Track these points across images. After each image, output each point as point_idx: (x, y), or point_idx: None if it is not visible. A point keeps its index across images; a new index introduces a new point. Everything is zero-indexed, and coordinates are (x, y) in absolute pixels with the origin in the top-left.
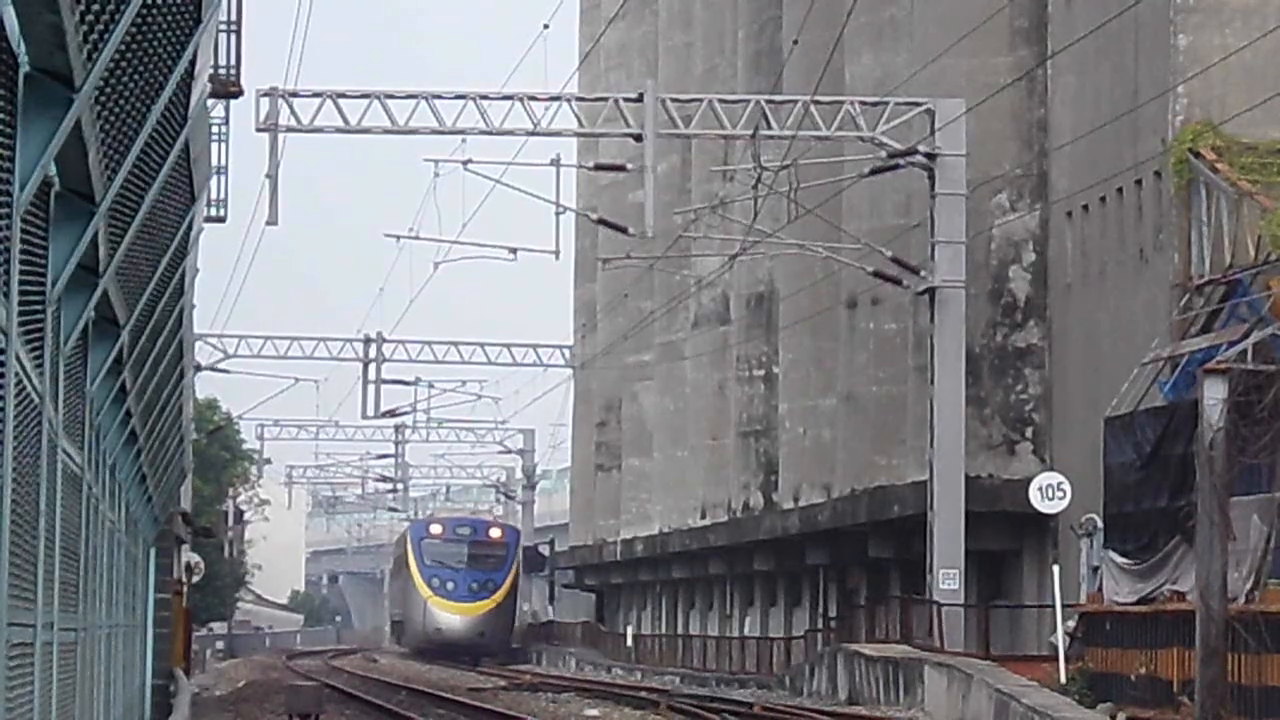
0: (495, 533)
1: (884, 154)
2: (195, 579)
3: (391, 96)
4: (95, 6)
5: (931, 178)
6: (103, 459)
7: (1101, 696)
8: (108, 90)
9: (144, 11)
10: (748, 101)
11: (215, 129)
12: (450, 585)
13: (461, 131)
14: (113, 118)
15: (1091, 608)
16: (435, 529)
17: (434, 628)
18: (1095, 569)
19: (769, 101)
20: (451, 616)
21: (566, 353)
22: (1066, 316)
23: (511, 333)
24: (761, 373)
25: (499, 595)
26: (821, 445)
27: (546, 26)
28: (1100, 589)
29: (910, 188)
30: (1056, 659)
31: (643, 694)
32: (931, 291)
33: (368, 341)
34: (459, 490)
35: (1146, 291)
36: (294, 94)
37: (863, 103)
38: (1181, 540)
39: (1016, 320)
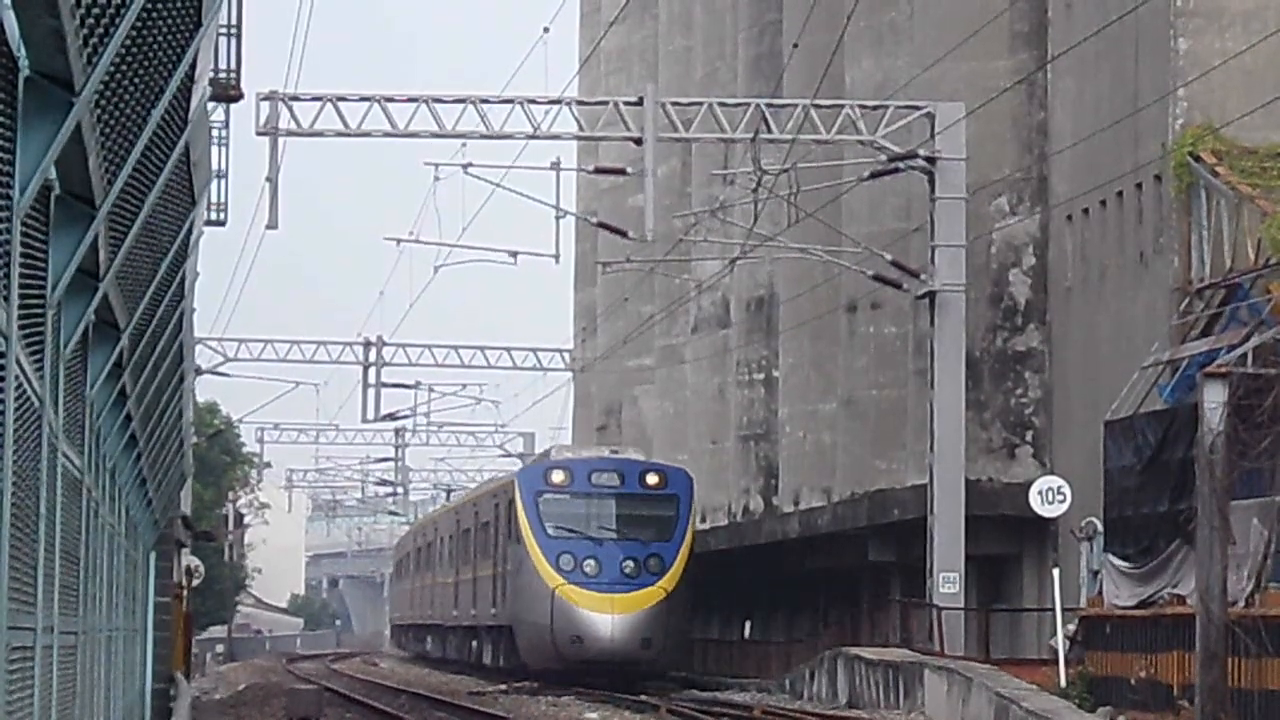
0: (654, 478)
1: (884, 157)
2: (195, 583)
3: (392, 100)
4: (95, 10)
5: (931, 181)
6: (103, 463)
7: (1101, 700)
8: (108, 94)
9: (144, 15)
10: (748, 105)
11: (215, 133)
12: (592, 565)
13: (461, 135)
14: (113, 121)
15: (1091, 611)
16: (559, 476)
17: (570, 635)
18: (1095, 573)
19: (769, 105)
20: (599, 617)
21: (566, 356)
22: (1067, 320)
23: (511, 336)
24: (761, 376)
25: (671, 577)
26: (821, 449)
27: (547, 30)
28: (1100, 593)
29: (910, 191)
30: (1056, 663)
31: (643, 697)
32: (931, 295)
33: (368, 345)
34: (459, 494)
35: (1146, 295)
36: (294, 98)
37: (863, 106)
38: (1182, 544)
39: (1016, 324)
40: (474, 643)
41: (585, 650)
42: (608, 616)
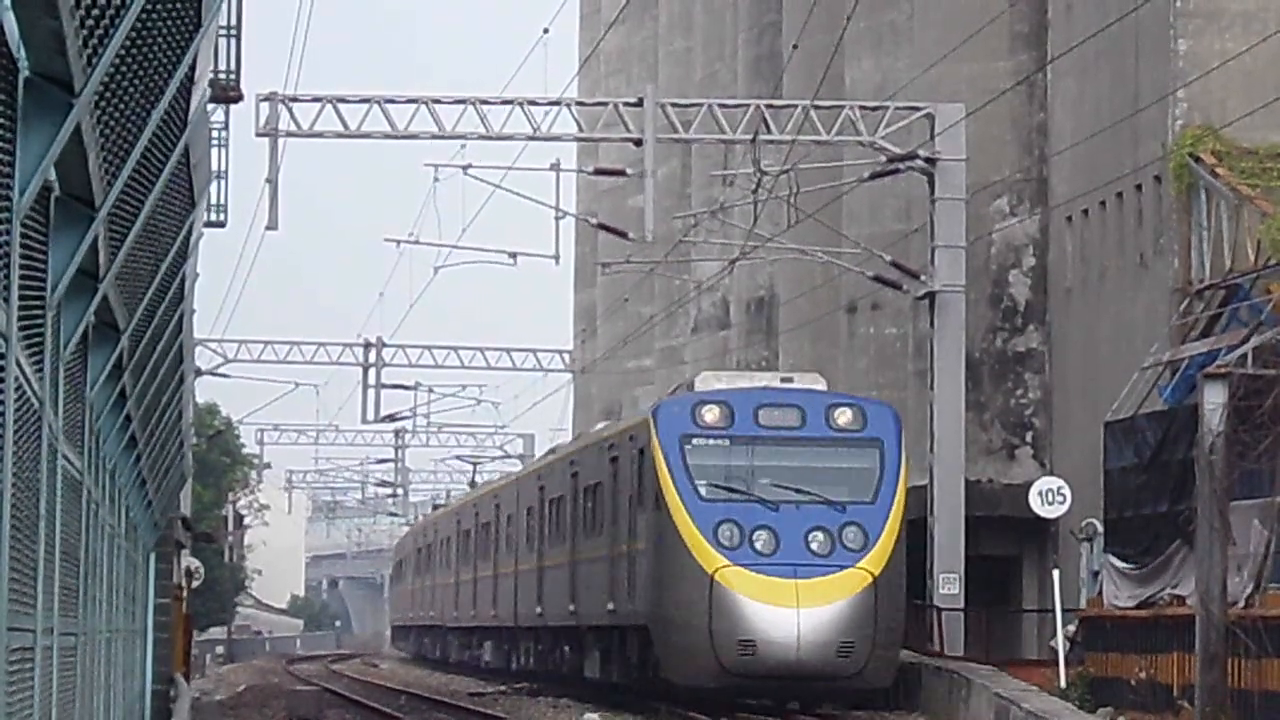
0: (848, 414)
1: (884, 159)
2: (195, 584)
3: (391, 101)
4: (95, 11)
5: (931, 182)
6: (103, 464)
7: (1101, 701)
8: (108, 95)
9: (144, 16)
10: (747, 106)
11: (215, 134)
12: (766, 540)
13: (461, 136)
14: (113, 122)
15: (1092, 612)
16: (713, 414)
17: (736, 639)
18: (1095, 573)
19: (769, 106)
20: (778, 613)
21: (566, 357)
22: (1066, 321)
23: (511, 337)
24: None
25: (878, 555)
26: None
27: (546, 31)
28: (1100, 593)
29: (910, 192)
30: (1057, 664)
31: None
32: (931, 296)
33: (367, 346)
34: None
35: (1146, 296)
36: (294, 99)
37: (863, 107)
38: (1182, 544)
39: (1016, 325)
40: (566, 648)
41: (759, 662)
42: (790, 612)
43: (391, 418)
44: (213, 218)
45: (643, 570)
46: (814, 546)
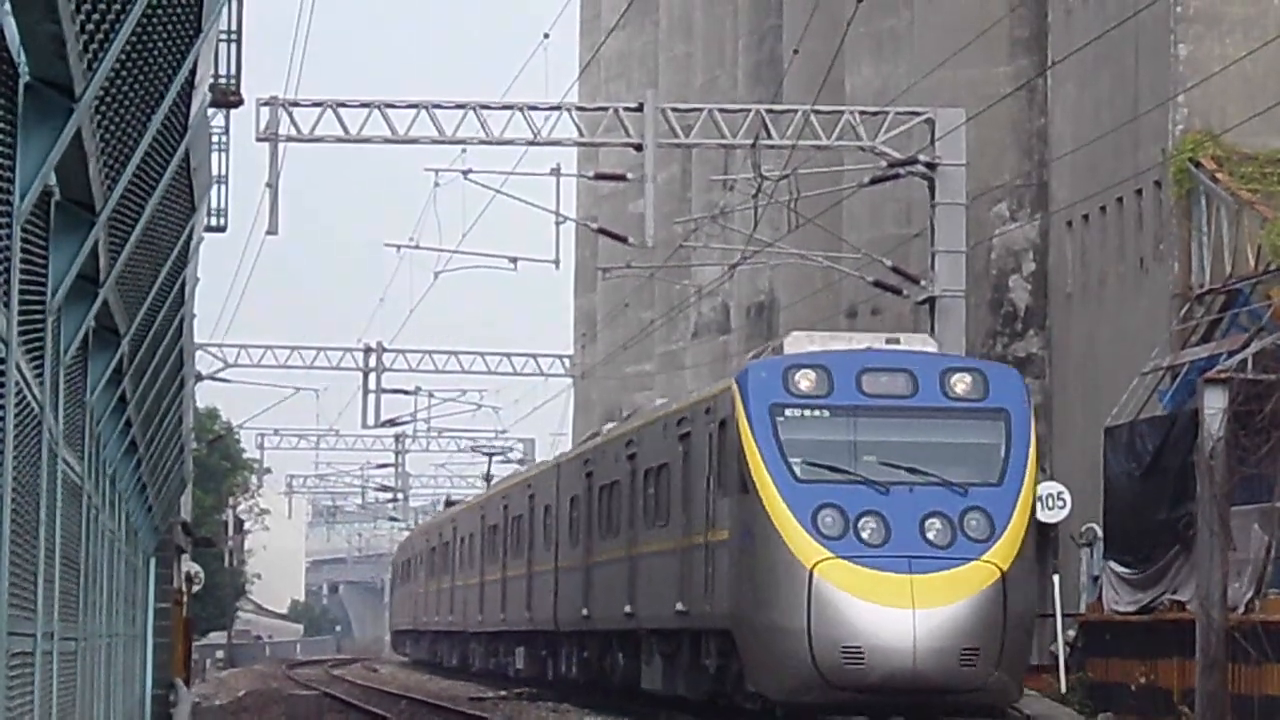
0: (968, 381)
1: (884, 163)
2: (195, 589)
3: (392, 106)
4: (96, 16)
5: (931, 187)
6: (103, 469)
7: (1101, 706)
8: (108, 100)
9: (144, 21)
10: (748, 111)
11: (215, 138)
12: (874, 528)
13: (462, 141)
14: (113, 127)
15: (1091, 617)
16: (809, 380)
17: (840, 645)
18: (1095, 578)
19: (769, 111)
20: (890, 615)
21: (567, 362)
22: (1066, 326)
23: (512, 342)
24: None
25: (1006, 547)
26: None
27: (547, 36)
28: (1100, 598)
29: (910, 197)
30: (1056, 668)
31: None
32: (931, 301)
33: (368, 351)
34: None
35: (1147, 301)
36: (294, 103)
37: (863, 112)
38: (1181, 550)
39: (1016, 330)
40: (619, 656)
41: (866, 671)
42: (903, 613)
43: (392, 422)
44: (213, 222)
45: (724, 565)
46: (931, 536)
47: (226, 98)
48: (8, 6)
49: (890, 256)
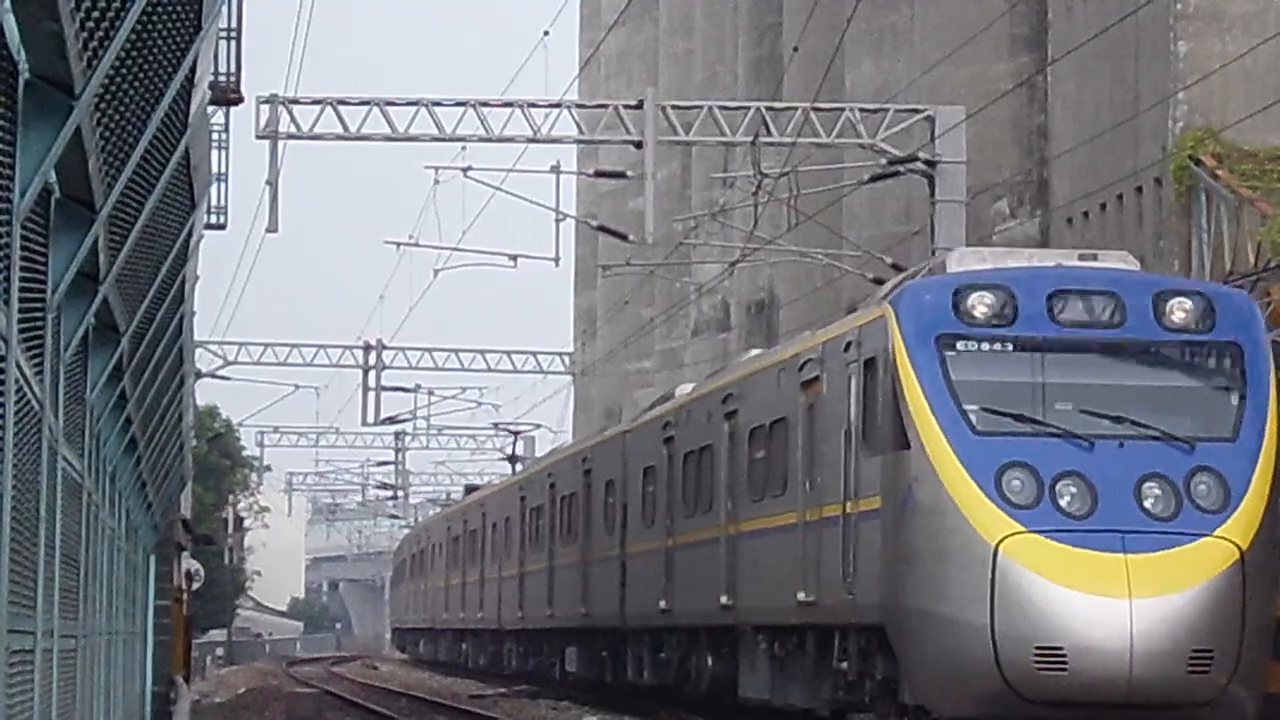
0: (1187, 306)
1: (884, 161)
2: (195, 586)
3: (392, 103)
4: (96, 14)
5: (931, 185)
6: (103, 466)
7: None
8: (108, 97)
9: (144, 19)
10: (748, 108)
11: (215, 136)
12: (1076, 495)
13: (462, 138)
14: (113, 125)
15: None
16: (985, 304)
17: (1033, 644)
18: None
19: (769, 108)
20: (1100, 605)
21: (566, 359)
22: None
23: (512, 339)
24: None
25: (1245, 519)
26: None
27: (547, 33)
28: None
29: (910, 195)
30: None
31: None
32: None
33: (368, 348)
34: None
35: None
36: (294, 101)
37: (863, 109)
38: None
39: None
40: (709, 658)
41: (1069, 680)
42: (1118, 605)
43: (392, 420)
44: (213, 220)
45: (873, 542)
46: (1149, 504)
47: (226, 95)
48: (8, 4)
49: (890, 254)
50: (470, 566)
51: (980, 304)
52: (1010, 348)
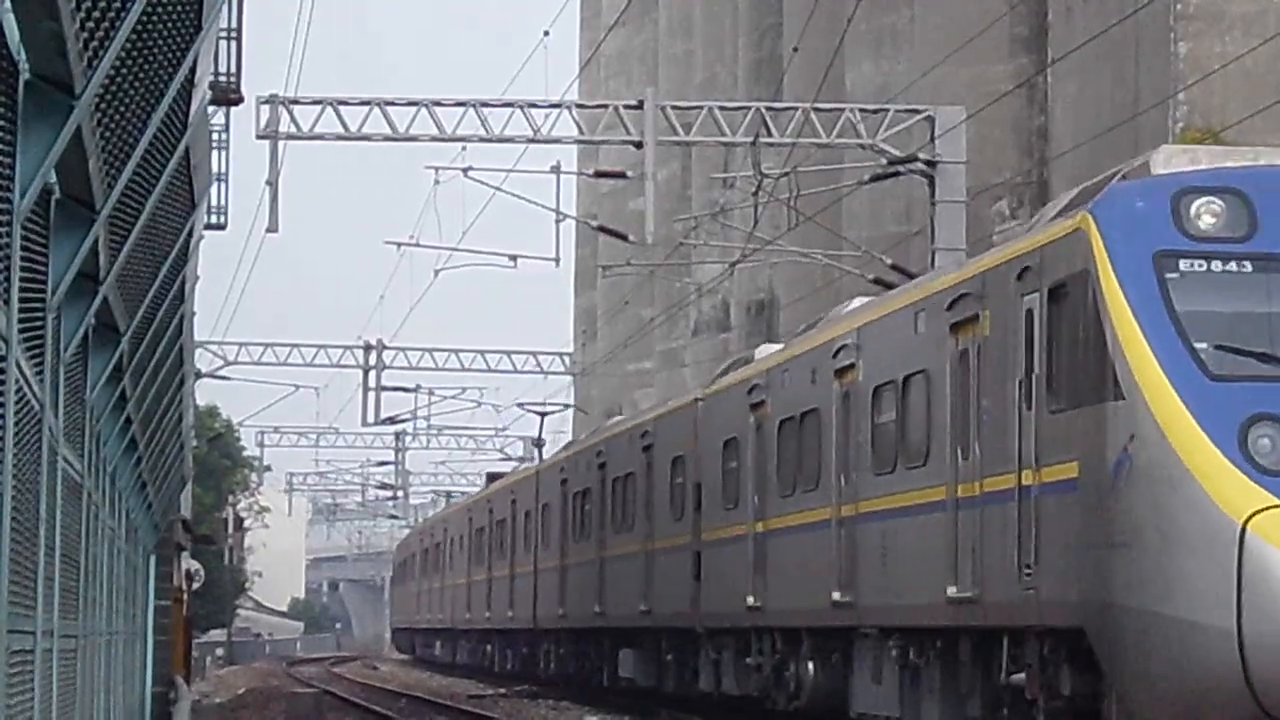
0: None
1: (884, 161)
2: (195, 586)
3: (392, 104)
4: (96, 14)
5: (931, 185)
6: (103, 466)
7: None
8: (108, 97)
9: (144, 19)
10: (748, 109)
11: (215, 136)
12: None
13: (462, 139)
14: (113, 125)
15: None
16: (1211, 211)
17: None
18: None
19: (769, 109)
20: None
21: (567, 360)
22: None
23: (512, 340)
24: None
25: None
26: None
27: (547, 34)
28: None
29: (910, 195)
30: None
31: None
32: None
33: (368, 348)
34: (459, 498)
35: None
36: (294, 101)
37: (863, 110)
38: None
39: None
40: (809, 664)
41: None
42: None
43: (392, 420)
44: (213, 220)
45: (1064, 523)
46: None
47: (226, 95)
48: (8, 4)
49: (890, 254)
50: (498, 560)
51: (1208, 212)
52: (1249, 268)
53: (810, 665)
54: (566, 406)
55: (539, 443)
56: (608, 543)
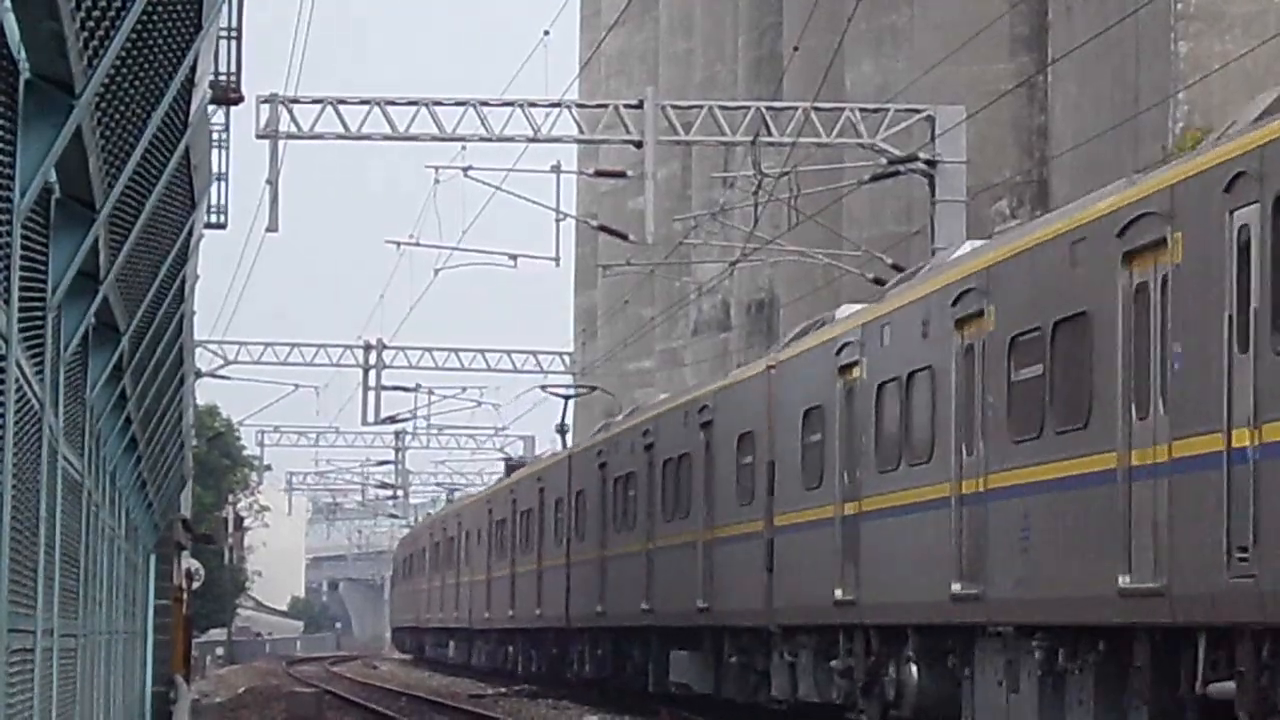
0: None
1: (884, 161)
2: (195, 585)
3: (392, 103)
4: (96, 13)
5: (932, 185)
6: (103, 465)
7: None
8: (108, 97)
9: (145, 18)
10: (748, 108)
11: (215, 135)
12: None
13: (462, 138)
14: (113, 124)
15: None
16: None
17: None
18: None
19: (769, 108)
20: None
21: (567, 359)
22: None
23: (512, 339)
24: None
25: None
26: None
27: (547, 33)
28: None
29: (910, 194)
30: None
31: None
32: None
33: (368, 348)
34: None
35: None
36: (294, 100)
37: (863, 109)
38: None
39: None
40: (887, 668)
41: None
42: None
43: (392, 419)
44: (213, 219)
45: None
46: None
47: (227, 95)
48: (8, 4)
49: (890, 254)
50: (523, 554)
51: None
52: None
53: (914, 669)
54: (593, 389)
55: (563, 429)
56: (656, 532)
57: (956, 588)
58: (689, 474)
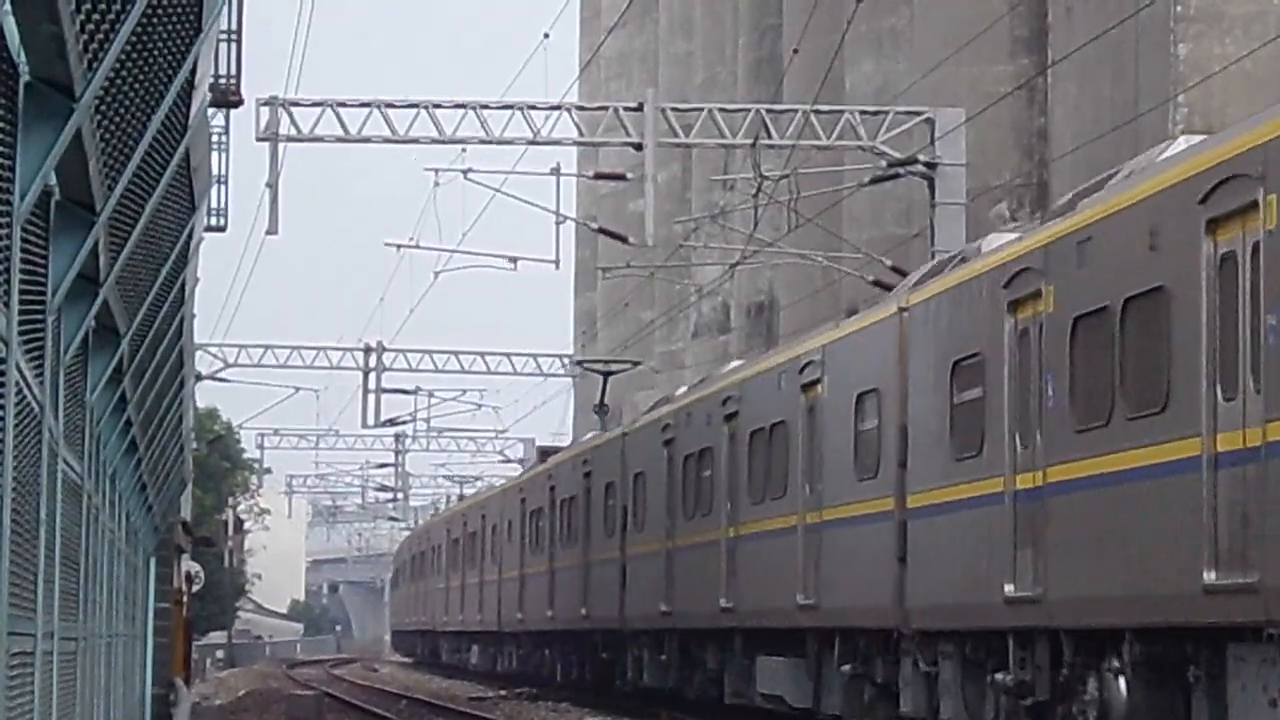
0: None
1: (884, 163)
2: (195, 588)
3: (392, 106)
4: (96, 16)
5: (931, 187)
6: (103, 468)
7: None
8: (108, 99)
9: (144, 21)
10: (748, 110)
11: (215, 138)
12: None
13: (462, 140)
14: (113, 127)
15: None
16: None
17: None
18: None
19: (769, 110)
20: None
21: (566, 362)
22: None
23: (512, 342)
24: None
25: None
26: None
27: (547, 35)
28: None
29: (910, 197)
30: None
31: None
32: None
33: (368, 351)
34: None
35: None
36: (294, 103)
37: (863, 112)
38: None
39: None
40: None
41: None
42: None
43: (392, 422)
44: (213, 222)
45: None
46: None
47: (226, 97)
48: (8, 6)
49: (890, 256)
50: (565, 548)
51: None
52: None
53: (1123, 682)
54: (635, 364)
55: (601, 408)
56: (739, 516)
57: (1210, 577)
58: (784, 445)
